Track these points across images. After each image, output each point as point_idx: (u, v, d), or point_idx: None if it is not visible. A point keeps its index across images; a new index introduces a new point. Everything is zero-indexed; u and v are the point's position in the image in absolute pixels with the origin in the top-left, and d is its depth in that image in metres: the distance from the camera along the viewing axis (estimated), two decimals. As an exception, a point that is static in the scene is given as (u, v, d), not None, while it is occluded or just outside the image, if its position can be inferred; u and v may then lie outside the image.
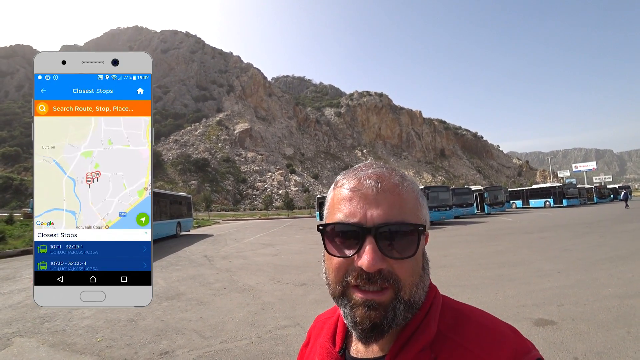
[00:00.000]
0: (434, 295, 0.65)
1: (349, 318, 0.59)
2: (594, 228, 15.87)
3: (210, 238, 19.60)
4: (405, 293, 0.58)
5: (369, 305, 0.56)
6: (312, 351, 0.75)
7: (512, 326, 0.61)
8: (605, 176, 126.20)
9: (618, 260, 8.10)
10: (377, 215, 0.58)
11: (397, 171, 0.65)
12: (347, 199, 0.61)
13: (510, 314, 4.86)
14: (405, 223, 0.58)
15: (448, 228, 20.45)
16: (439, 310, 0.63)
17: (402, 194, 0.61)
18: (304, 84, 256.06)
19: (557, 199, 41.55)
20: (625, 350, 3.61)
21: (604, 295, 5.51)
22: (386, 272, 0.56)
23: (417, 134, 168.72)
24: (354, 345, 0.67)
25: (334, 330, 0.71)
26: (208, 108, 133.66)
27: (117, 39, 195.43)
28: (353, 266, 0.58)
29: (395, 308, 0.57)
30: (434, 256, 10.09)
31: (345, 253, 0.59)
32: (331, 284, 0.61)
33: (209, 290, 7.07)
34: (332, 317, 0.74)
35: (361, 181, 0.61)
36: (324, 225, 0.62)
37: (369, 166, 0.65)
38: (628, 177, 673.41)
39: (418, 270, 0.61)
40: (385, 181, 0.61)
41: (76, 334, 4.65)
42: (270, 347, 4.07)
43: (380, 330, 0.57)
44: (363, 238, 0.57)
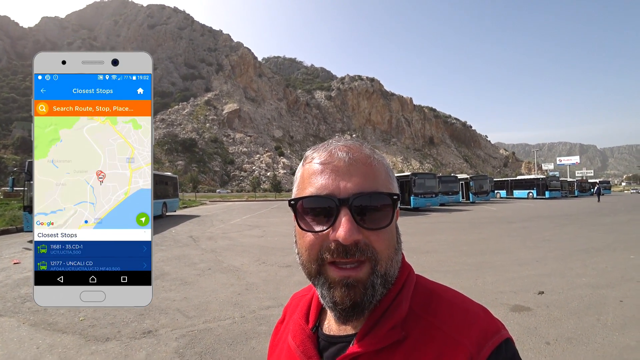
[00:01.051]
0: (407, 274, 0.65)
1: (328, 298, 0.57)
2: (572, 220, 16.36)
3: (197, 219, 19.50)
4: (382, 266, 0.57)
5: (347, 283, 0.55)
6: (286, 328, 0.75)
7: (484, 306, 0.62)
8: (588, 171, 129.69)
9: (593, 252, 8.40)
10: (351, 186, 0.56)
11: (366, 144, 0.64)
12: (318, 172, 0.59)
13: (488, 300, 5.01)
14: (379, 192, 0.57)
15: (433, 215, 20.79)
16: (412, 289, 0.63)
17: (374, 164, 0.60)
18: (295, 65, 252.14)
19: (540, 191, 42.61)
20: (594, 337, 3.78)
21: (578, 284, 5.72)
22: (362, 244, 0.55)
23: (407, 121, 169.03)
24: (326, 323, 0.67)
25: (308, 307, 0.71)
26: (196, 87, 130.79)
27: (100, 12, 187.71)
28: (328, 241, 0.56)
29: (373, 283, 0.56)
30: (418, 241, 10.31)
31: (319, 228, 0.57)
32: (305, 263, 0.59)
33: (194, 270, 7.07)
34: (307, 295, 0.74)
35: (332, 153, 0.60)
36: (295, 200, 0.59)
37: (338, 140, 0.64)
38: (609, 173, 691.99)
39: (393, 243, 0.60)
40: (357, 152, 0.60)
41: (58, 314, 4.61)
42: (253, 327, 4.13)
43: (361, 309, 0.56)
44: (337, 210, 0.55)
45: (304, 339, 0.65)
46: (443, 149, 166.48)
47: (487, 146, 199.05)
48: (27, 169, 12.30)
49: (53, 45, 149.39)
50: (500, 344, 0.55)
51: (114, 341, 3.79)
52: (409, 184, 24.54)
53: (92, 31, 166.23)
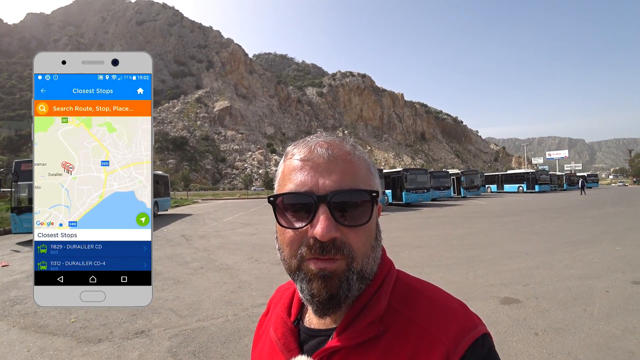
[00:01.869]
0: (387, 269, 0.66)
1: (306, 291, 0.58)
2: (561, 213, 16.63)
3: (189, 217, 19.38)
4: (358, 263, 0.57)
5: (324, 275, 0.56)
6: (269, 320, 0.76)
7: (462, 302, 0.63)
8: (576, 164, 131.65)
9: (581, 244, 8.56)
10: (330, 183, 0.57)
11: (347, 140, 0.64)
12: (298, 169, 0.59)
13: (479, 293, 5.09)
14: (358, 190, 0.58)
15: (425, 210, 20.95)
16: (391, 284, 0.64)
17: (354, 161, 0.60)
18: (286, 62, 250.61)
19: (530, 185, 43.19)
20: (581, 327, 3.87)
21: (566, 276, 5.84)
22: (339, 241, 0.56)
23: (398, 117, 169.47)
24: (308, 316, 0.68)
25: (290, 300, 0.72)
26: (187, 84, 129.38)
27: (87, 9, 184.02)
28: (307, 237, 0.56)
29: (348, 278, 0.57)
30: (409, 236, 10.39)
31: (298, 224, 0.57)
32: (286, 259, 0.60)
33: (186, 269, 7.04)
34: (290, 288, 0.74)
35: (312, 150, 0.60)
36: (275, 197, 0.60)
37: (319, 136, 0.64)
38: (597, 166, 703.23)
39: (370, 241, 0.60)
40: (337, 149, 0.60)
41: (48, 316, 4.56)
42: (246, 325, 4.14)
43: (337, 301, 0.57)
44: (316, 207, 0.56)
45: (285, 332, 0.66)
46: (434, 145, 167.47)
47: (478, 141, 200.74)
48: (15, 170, 12.08)
49: (39, 42, 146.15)
50: (477, 339, 0.56)
51: (106, 342, 3.76)
52: (400, 180, 24.69)
53: (79, 28, 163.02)
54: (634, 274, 5.81)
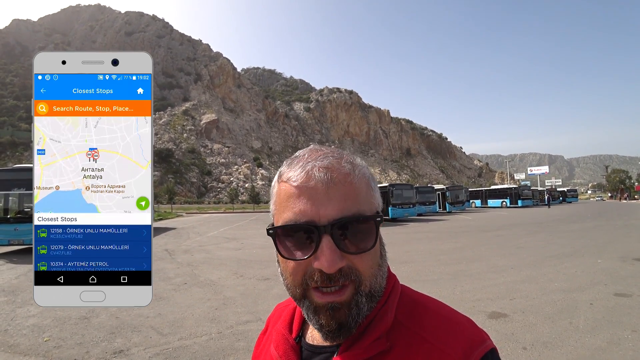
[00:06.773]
0: (392, 285, 0.64)
1: (314, 321, 0.56)
2: (543, 227, 16.97)
3: (173, 231, 18.97)
4: (366, 285, 0.56)
5: (332, 307, 0.54)
6: (269, 338, 0.72)
7: (468, 317, 0.62)
8: (556, 180, 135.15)
9: (564, 257, 8.71)
10: (331, 210, 0.53)
11: (346, 157, 0.60)
12: (296, 196, 0.55)
13: (466, 308, 5.08)
14: (361, 215, 0.55)
15: (411, 225, 21.07)
16: (397, 299, 0.62)
17: (354, 182, 0.57)
18: (274, 77, 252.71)
19: (513, 200, 44.22)
20: (568, 340, 3.89)
21: (551, 289, 5.90)
22: (346, 268, 0.54)
23: (384, 133, 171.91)
24: (310, 333, 0.65)
25: (291, 317, 0.69)
26: (174, 96, 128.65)
27: (75, 17, 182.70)
28: (311, 268, 0.54)
29: (358, 302, 0.55)
30: (396, 252, 10.39)
31: (301, 255, 0.55)
32: (290, 287, 0.58)
33: (169, 285, 6.84)
34: (290, 305, 0.72)
35: (309, 175, 0.55)
36: (274, 228, 0.57)
37: (315, 154, 0.59)
38: (575, 182, 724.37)
39: (377, 260, 0.59)
40: (336, 172, 0.56)
41: (20, 334, 4.33)
42: (230, 343, 4.00)
43: (348, 329, 0.55)
44: (318, 238, 0.53)
45: (286, 349, 0.64)
46: (420, 160, 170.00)
47: (462, 157, 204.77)
48: None
49: (24, 48, 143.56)
50: (486, 354, 0.55)
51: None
52: (386, 195, 24.84)
53: (66, 36, 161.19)
54: (615, 286, 5.92)
